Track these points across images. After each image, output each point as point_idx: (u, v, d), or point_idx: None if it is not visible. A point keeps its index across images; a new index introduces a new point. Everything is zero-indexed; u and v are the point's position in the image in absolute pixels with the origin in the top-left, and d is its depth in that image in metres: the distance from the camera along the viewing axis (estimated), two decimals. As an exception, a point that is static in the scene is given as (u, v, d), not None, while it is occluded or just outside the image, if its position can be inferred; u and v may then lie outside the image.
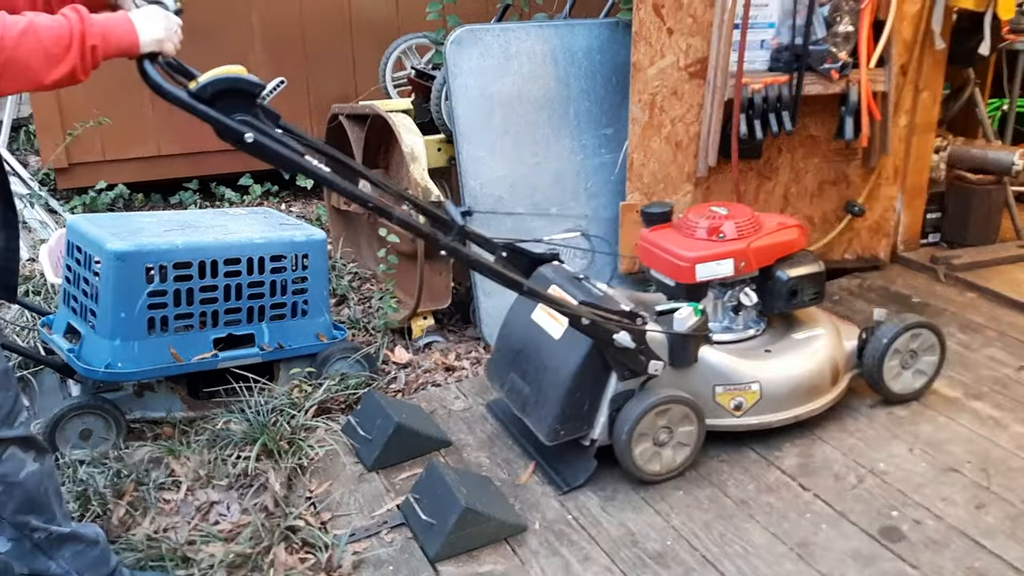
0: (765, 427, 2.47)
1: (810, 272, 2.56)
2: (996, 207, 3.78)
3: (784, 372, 2.47)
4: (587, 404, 2.29)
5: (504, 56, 3.25)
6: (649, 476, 2.34)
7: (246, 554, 2.12)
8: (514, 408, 2.47)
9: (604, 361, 2.27)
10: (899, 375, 2.64)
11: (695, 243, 2.50)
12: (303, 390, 2.72)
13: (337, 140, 3.80)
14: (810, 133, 3.42)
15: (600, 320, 2.20)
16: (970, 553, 2.08)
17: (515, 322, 2.54)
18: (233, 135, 1.84)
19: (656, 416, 2.29)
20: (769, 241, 2.54)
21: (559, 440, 2.29)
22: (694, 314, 2.35)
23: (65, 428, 2.51)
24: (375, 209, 2.08)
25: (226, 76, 1.82)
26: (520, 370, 2.44)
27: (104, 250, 2.49)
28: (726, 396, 2.42)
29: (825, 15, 3.13)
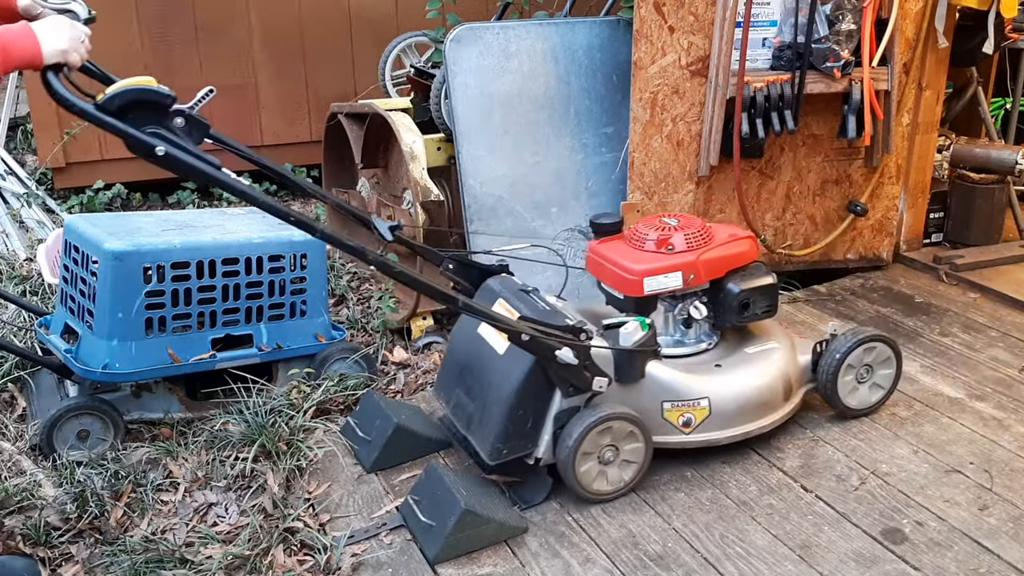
0: (714, 444, 2.39)
1: (762, 284, 2.47)
2: (999, 207, 3.77)
3: (734, 388, 2.39)
4: (530, 421, 2.21)
5: (504, 54, 3.23)
6: (593, 495, 2.27)
7: (244, 556, 2.11)
8: (459, 426, 2.39)
9: (548, 377, 2.19)
10: (855, 390, 2.57)
11: (643, 255, 2.42)
12: (302, 391, 2.71)
13: (336, 139, 3.79)
14: (812, 132, 3.41)
15: (541, 336, 2.12)
16: (973, 555, 2.06)
17: (462, 335, 2.46)
18: (143, 148, 1.79)
19: (600, 434, 2.21)
20: (719, 253, 2.46)
21: (502, 460, 2.21)
22: (641, 328, 2.28)
23: (62, 429, 2.49)
24: (297, 224, 1.99)
25: (133, 87, 1.77)
26: (465, 386, 2.37)
27: (101, 250, 2.47)
28: (674, 412, 2.34)
29: (827, 13, 3.12)
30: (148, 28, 4.36)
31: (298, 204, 4.81)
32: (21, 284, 3.55)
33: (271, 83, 4.64)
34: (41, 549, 2.18)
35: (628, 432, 2.26)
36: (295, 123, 4.75)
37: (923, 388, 2.78)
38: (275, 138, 4.75)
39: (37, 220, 4.20)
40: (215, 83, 4.79)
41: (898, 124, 3.43)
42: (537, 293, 2.39)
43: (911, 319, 3.25)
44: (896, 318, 3.26)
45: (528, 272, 3.25)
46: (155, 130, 1.80)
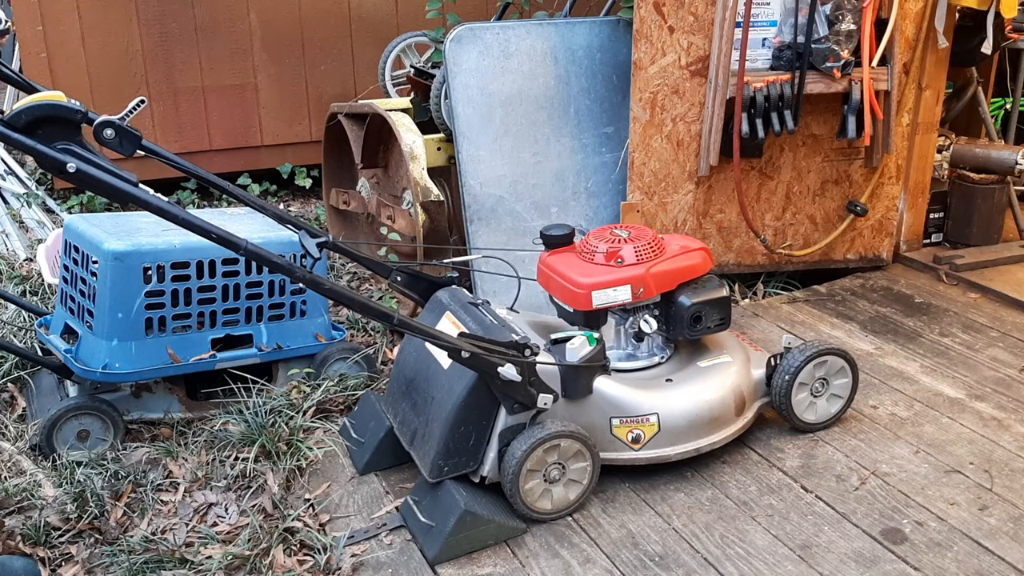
0: (664, 460, 2.35)
1: (714, 297, 2.42)
2: (999, 207, 3.77)
3: (684, 403, 2.34)
4: (473, 438, 2.17)
5: (504, 54, 3.23)
6: (539, 514, 2.22)
7: (244, 556, 2.11)
8: (403, 442, 2.34)
9: (492, 393, 2.15)
10: (812, 405, 2.53)
11: (593, 268, 2.36)
12: (302, 391, 2.71)
13: (336, 139, 3.79)
14: (812, 132, 3.41)
15: (483, 352, 2.07)
16: (973, 555, 2.06)
17: (410, 348, 2.41)
18: (53, 164, 1.74)
19: (546, 452, 2.17)
20: (670, 266, 2.40)
21: (443, 477, 2.17)
22: (588, 343, 2.24)
23: (62, 429, 2.49)
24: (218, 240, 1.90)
25: (41, 103, 1.74)
26: (411, 400, 2.33)
27: (101, 250, 2.47)
28: (623, 429, 2.30)
29: (827, 13, 3.12)
30: (148, 28, 4.36)
31: (297, 205, 4.81)
32: (21, 284, 3.55)
33: (271, 83, 4.64)
34: (41, 549, 2.18)
35: (575, 450, 2.22)
36: (295, 123, 4.75)
37: (923, 388, 2.78)
38: (275, 138, 4.75)
39: (37, 220, 4.20)
40: (215, 83, 4.82)
41: (898, 124, 3.43)
42: (487, 306, 2.35)
43: (911, 319, 3.25)
44: (896, 318, 3.26)
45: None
46: (66, 146, 1.76)
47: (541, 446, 2.15)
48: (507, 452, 2.17)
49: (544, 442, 2.15)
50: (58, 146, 1.75)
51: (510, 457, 2.15)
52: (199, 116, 4.57)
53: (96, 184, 1.79)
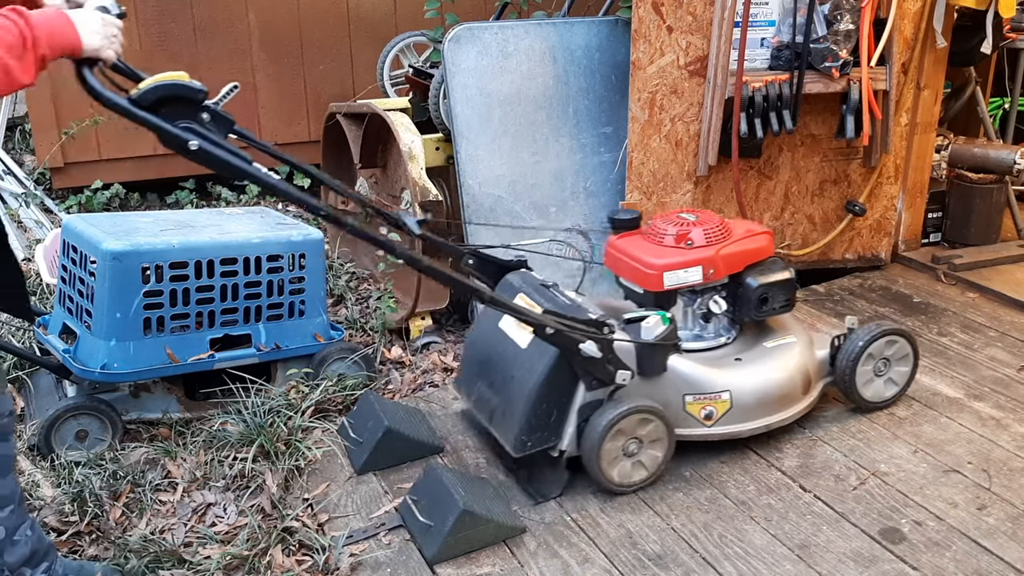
0: (735, 436, 2.42)
1: (780, 279, 2.50)
2: (997, 206, 3.77)
3: (755, 381, 2.41)
4: (554, 415, 2.23)
5: (503, 54, 3.23)
6: (618, 487, 2.29)
7: (243, 556, 2.11)
8: (481, 419, 2.42)
9: (571, 371, 2.21)
10: (871, 381, 2.59)
11: (663, 250, 2.45)
12: (300, 391, 2.71)
13: (335, 139, 3.78)
14: (811, 132, 3.41)
15: (565, 329, 2.15)
16: (971, 554, 2.06)
17: (483, 330, 2.50)
18: (176, 142, 1.79)
19: (625, 426, 2.23)
20: (738, 248, 2.48)
21: (526, 452, 2.23)
22: (662, 322, 2.30)
23: (61, 429, 2.49)
24: (327, 217, 2.02)
25: (167, 82, 1.78)
26: (488, 380, 2.39)
27: (100, 250, 2.47)
28: (696, 405, 2.37)
29: (826, 13, 3.12)
30: (147, 28, 4.36)
31: (296, 205, 4.80)
32: (19, 284, 3.54)
33: (270, 83, 4.64)
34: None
35: (653, 425, 2.29)
36: (294, 123, 4.75)
37: (922, 388, 2.78)
38: (274, 138, 4.74)
39: (35, 220, 4.19)
40: (214, 83, 4.77)
41: (896, 124, 3.43)
42: (557, 288, 2.41)
43: (909, 319, 3.25)
44: (894, 318, 3.26)
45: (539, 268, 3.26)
46: (187, 125, 1.81)
47: (621, 420, 2.21)
48: (588, 427, 2.23)
49: (624, 417, 2.22)
50: (180, 124, 1.80)
51: (591, 431, 2.22)
52: (198, 116, 4.56)
53: (215, 161, 1.85)
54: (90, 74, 1.72)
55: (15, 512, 1.80)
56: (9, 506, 1.79)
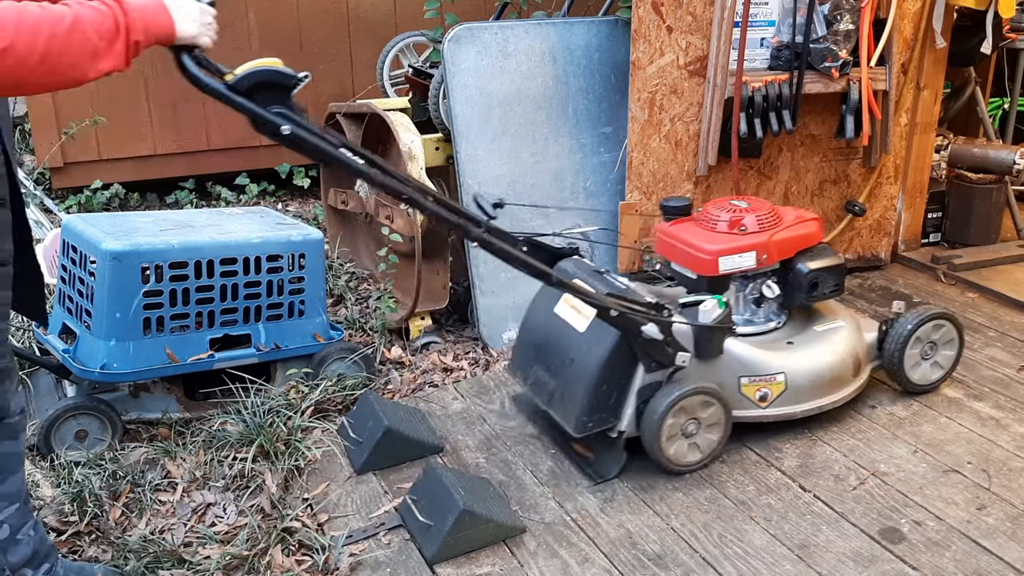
0: (789, 418, 2.50)
1: (830, 265, 2.58)
2: (997, 206, 3.78)
3: (808, 363, 2.49)
4: (614, 396, 2.31)
5: (502, 54, 3.23)
6: (677, 467, 2.37)
7: (243, 556, 2.11)
8: (539, 401, 2.49)
9: (631, 353, 2.29)
10: (918, 365, 2.68)
11: (717, 236, 2.52)
12: (300, 391, 2.71)
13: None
14: (810, 132, 3.41)
15: (628, 311, 2.22)
16: (971, 554, 2.06)
17: (537, 316, 2.57)
18: (270, 128, 1.83)
19: (685, 407, 2.31)
20: (790, 234, 2.56)
21: (587, 432, 2.31)
22: (719, 306, 2.37)
23: (60, 429, 2.49)
24: (408, 200, 2.07)
25: (263, 68, 1.82)
26: (544, 363, 2.46)
27: (100, 250, 2.47)
28: (751, 387, 2.44)
29: (825, 13, 3.12)
30: (146, 28, 4.35)
31: (296, 204, 4.81)
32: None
33: (269, 83, 4.63)
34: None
35: (711, 406, 2.35)
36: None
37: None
38: (273, 138, 4.74)
39: (35, 220, 4.19)
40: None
41: (896, 124, 3.43)
42: (609, 274, 2.45)
43: (909, 319, 3.25)
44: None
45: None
46: (279, 110, 1.84)
47: (683, 400, 2.28)
48: (648, 407, 2.29)
49: (684, 397, 2.28)
50: (273, 110, 1.83)
51: (651, 412, 2.28)
52: (198, 116, 4.56)
53: (306, 146, 1.89)
54: (189, 60, 1.76)
55: (20, 511, 1.80)
56: (15, 504, 1.79)
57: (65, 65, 1.48)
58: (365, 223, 3.86)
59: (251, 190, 4.76)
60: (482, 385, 2.93)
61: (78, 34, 1.48)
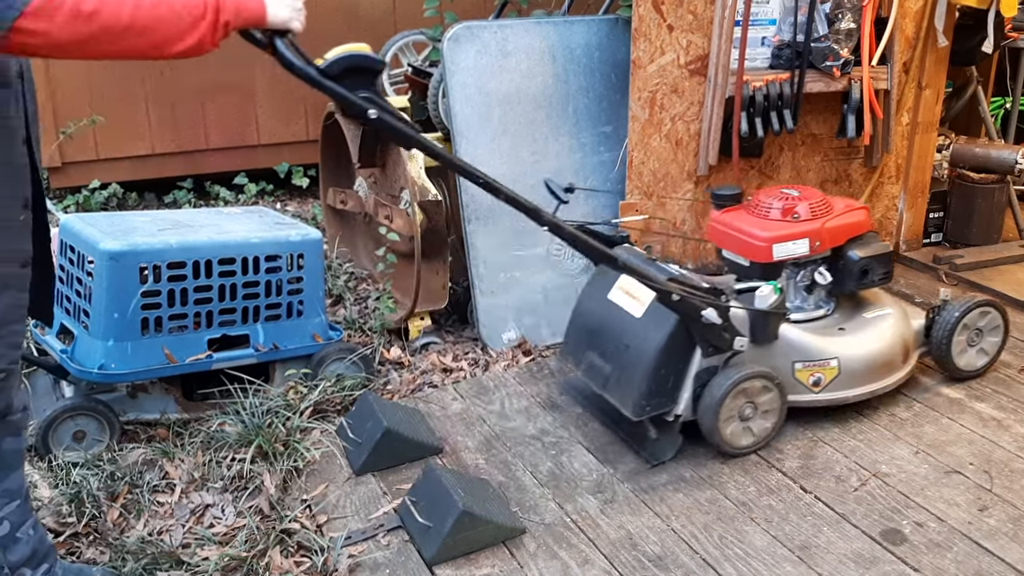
0: (842, 403, 2.55)
1: (880, 252, 2.63)
2: (999, 206, 3.77)
3: (861, 349, 2.55)
4: (671, 380, 2.36)
5: (502, 53, 3.22)
6: (734, 449, 2.42)
7: (241, 557, 2.10)
8: (594, 386, 2.53)
9: (688, 338, 2.34)
10: (964, 351, 2.74)
11: (770, 223, 2.57)
12: (298, 392, 2.70)
13: (333, 138, 3.77)
14: (811, 131, 3.40)
15: (689, 296, 2.27)
16: (972, 555, 2.06)
17: (590, 303, 2.62)
18: (358, 111, 1.91)
19: (742, 391, 2.36)
20: (841, 222, 2.60)
21: (645, 416, 2.36)
22: (774, 292, 2.42)
23: (58, 430, 2.48)
24: (484, 185, 2.13)
25: (354, 54, 1.90)
26: (598, 349, 2.51)
27: (97, 250, 2.46)
28: (805, 372, 2.49)
29: (827, 12, 3.11)
30: (145, 27, 4.34)
31: (295, 204, 4.80)
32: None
33: (268, 82, 4.62)
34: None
35: (767, 390, 2.41)
36: (292, 123, 4.73)
37: (923, 389, 2.77)
38: (272, 137, 4.73)
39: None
40: (212, 83, 4.80)
41: (898, 123, 3.42)
42: (661, 260, 2.49)
43: (910, 319, 3.24)
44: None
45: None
46: (366, 94, 1.92)
47: (741, 384, 2.35)
48: (706, 391, 2.36)
49: (743, 381, 2.35)
50: (360, 94, 1.91)
51: (710, 395, 2.34)
52: (196, 115, 4.56)
53: (391, 130, 1.98)
54: (282, 45, 1.83)
55: (20, 508, 1.80)
56: (16, 501, 1.79)
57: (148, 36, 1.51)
58: (364, 223, 3.85)
59: (249, 190, 4.75)
60: (482, 386, 2.92)
61: (164, 8, 1.52)
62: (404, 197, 3.27)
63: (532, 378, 2.95)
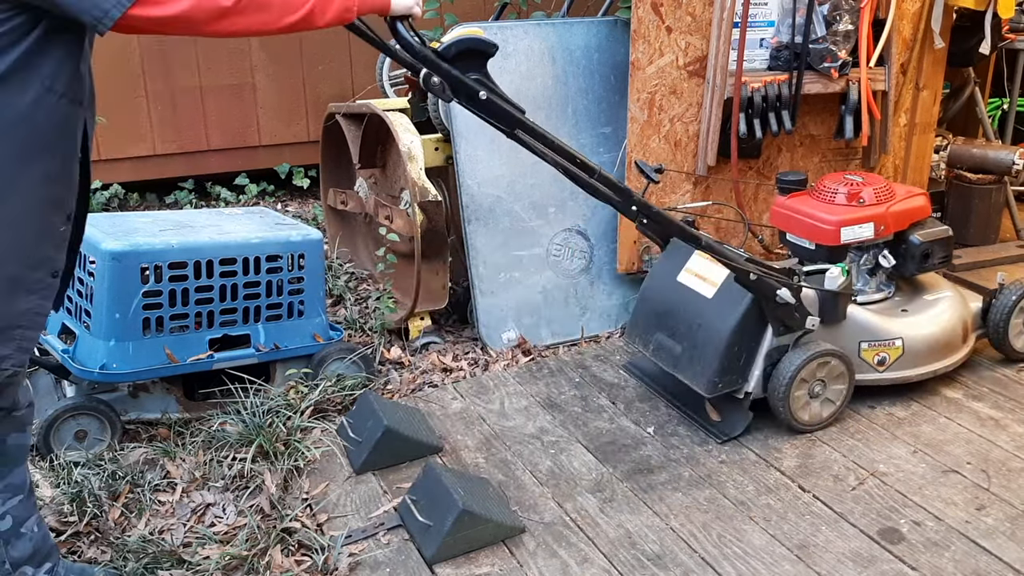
0: (905, 381, 2.65)
1: (941, 236, 2.70)
2: (996, 207, 3.78)
3: (924, 329, 2.64)
4: (743, 358, 2.44)
5: (502, 55, 3.23)
6: (801, 425, 2.51)
7: (242, 556, 2.11)
8: (664, 366, 2.61)
9: (760, 317, 2.42)
10: (1021, 333, 2.84)
11: (837, 208, 2.64)
12: (299, 391, 2.71)
13: (334, 139, 3.78)
14: (810, 132, 3.41)
15: (765, 276, 2.34)
16: (970, 554, 2.06)
17: (658, 286, 2.71)
18: (469, 92, 2.00)
19: (815, 368, 2.45)
20: (905, 206, 2.67)
21: (717, 393, 2.44)
22: (842, 274, 2.50)
23: (60, 429, 2.49)
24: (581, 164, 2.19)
25: (468, 37, 1.97)
26: (668, 330, 2.59)
27: (99, 250, 2.47)
28: (871, 352, 2.58)
29: (825, 13, 3.12)
30: (146, 28, 4.35)
31: (295, 205, 4.81)
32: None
33: (269, 83, 4.64)
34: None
35: (837, 368, 2.50)
36: (293, 123, 4.74)
37: (921, 388, 2.78)
38: (272, 138, 4.74)
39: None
40: (213, 84, 4.81)
41: (895, 124, 3.43)
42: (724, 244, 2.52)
43: (908, 319, 3.25)
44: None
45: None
46: (477, 77, 2.01)
47: (814, 361, 2.44)
48: (778, 368, 2.44)
49: (815, 359, 2.44)
50: (471, 76, 2.01)
51: (782, 373, 2.43)
52: (197, 116, 4.57)
53: (497, 111, 2.07)
54: (403, 28, 1.91)
55: (23, 503, 1.81)
56: (19, 496, 1.80)
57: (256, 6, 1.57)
58: (364, 223, 3.86)
59: (250, 190, 4.76)
60: (481, 385, 2.93)
61: None
62: (404, 197, 3.28)
63: (532, 378, 2.96)
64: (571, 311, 3.33)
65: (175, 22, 1.52)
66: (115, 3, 1.47)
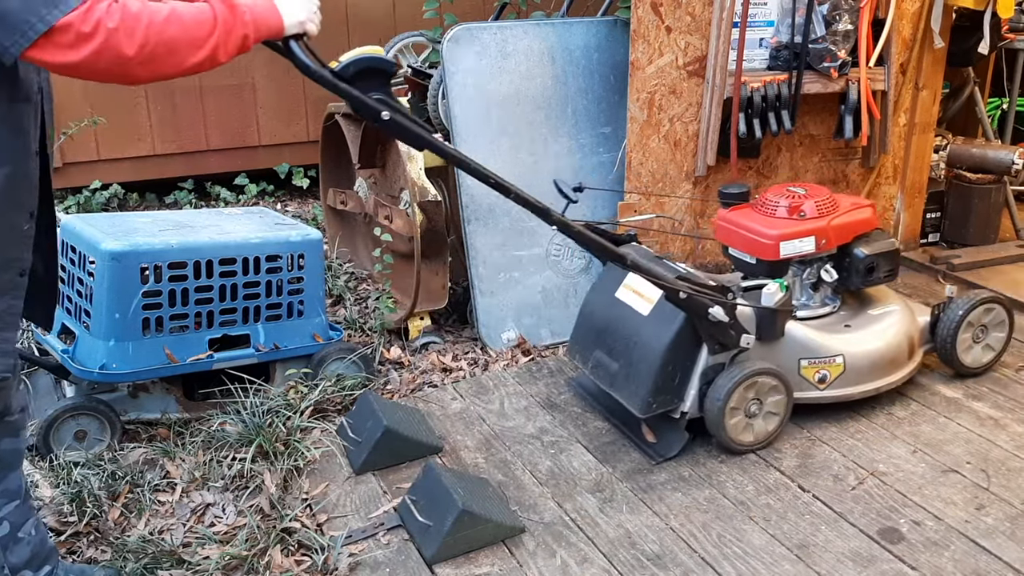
0: (847, 399, 2.56)
1: (886, 250, 2.64)
2: (996, 207, 3.78)
3: (866, 345, 2.56)
4: (678, 377, 2.38)
5: (501, 55, 3.23)
6: (738, 446, 2.43)
7: (242, 556, 2.11)
8: (601, 383, 2.55)
9: (695, 336, 2.36)
10: (970, 348, 2.75)
11: (777, 221, 2.59)
12: (299, 391, 2.71)
13: (334, 139, 3.78)
14: (809, 132, 3.41)
15: (696, 294, 2.28)
16: (970, 554, 2.07)
17: (597, 301, 2.64)
18: (370, 112, 1.93)
19: (747, 388, 2.37)
20: (848, 219, 2.62)
21: (651, 412, 2.37)
22: (780, 289, 2.44)
23: (59, 429, 2.49)
24: (495, 184, 2.14)
25: (367, 56, 1.93)
26: (606, 347, 2.53)
27: (99, 250, 2.47)
28: (811, 369, 2.51)
29: (824, 13, 3.12)
30: (145, 28, 4.35)
31: (295, 205, 4.81)
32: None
33: (269, 83, 4.64)
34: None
35: (772, 387, 2.43)
36: (292, 123, 4.75)
37: (920, 387, 2.78)
38: (272, 138, 4.74)
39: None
40: (213, 84, 4.81)
41: (895, 124, 3.44)
42: (668, 258, 2.50)
43: (908, 319, 3.25)
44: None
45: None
46: (379, 96, 1.94)
47: (746, 381, 2.36)
48: (712, 388, 2.37)
49: (748, 378, 2.36)
50: (373, 96, 1.93)
51: (715, 392, 2.36)
52: (196, 116, 4.57)
53: (403, 132, 2.00)
54: (297, 47, 1.82)
55: (20, 508, 1.81)
56: (15, 501, 1.80)
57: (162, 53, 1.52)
58: (364, 223, 3.86)
59: (250, 190, 4.76)
60: (481, 385, 2.93)
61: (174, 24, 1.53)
62: (404, 197, 3.28)
63: (531, 378, 2.96)
64: (571, 311, 3.32)
65: (76, 69, 1.46)
66: (13, 41, 1.41)
